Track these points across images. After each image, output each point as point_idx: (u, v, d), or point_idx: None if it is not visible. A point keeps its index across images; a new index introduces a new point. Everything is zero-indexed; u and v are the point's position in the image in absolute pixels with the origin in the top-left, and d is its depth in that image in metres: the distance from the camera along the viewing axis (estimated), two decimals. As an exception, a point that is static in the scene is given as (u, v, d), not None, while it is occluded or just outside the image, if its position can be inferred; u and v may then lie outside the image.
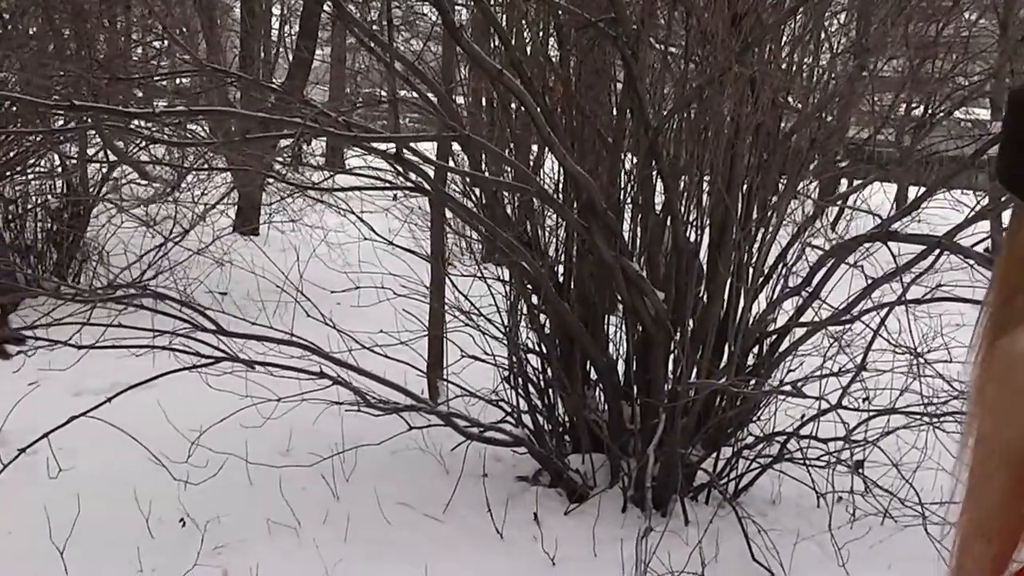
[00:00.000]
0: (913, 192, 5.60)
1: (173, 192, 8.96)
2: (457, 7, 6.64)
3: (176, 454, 4.71)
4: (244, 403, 4.84)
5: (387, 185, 5.14)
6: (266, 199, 10.41)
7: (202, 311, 4.90)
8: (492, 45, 5.45)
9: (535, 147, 5.88)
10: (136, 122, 5.45)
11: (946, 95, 6.39)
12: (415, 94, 5.32)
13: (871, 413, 5.00)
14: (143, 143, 7.94)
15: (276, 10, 13.87)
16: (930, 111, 6.61)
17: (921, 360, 4.95)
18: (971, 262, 4.56)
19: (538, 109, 4.54)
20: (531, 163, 5.67)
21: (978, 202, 4.93)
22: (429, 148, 6.59)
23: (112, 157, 8.68)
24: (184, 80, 8.94)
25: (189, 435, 4.81)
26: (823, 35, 6.01)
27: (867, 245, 5.12)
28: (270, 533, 4.69)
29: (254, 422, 4.83)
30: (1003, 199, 4.81)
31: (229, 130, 7.01)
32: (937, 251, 4.83)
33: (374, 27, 5.56)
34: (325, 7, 10.18)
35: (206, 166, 6.74)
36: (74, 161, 8.97)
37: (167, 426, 4.99)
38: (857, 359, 5.02)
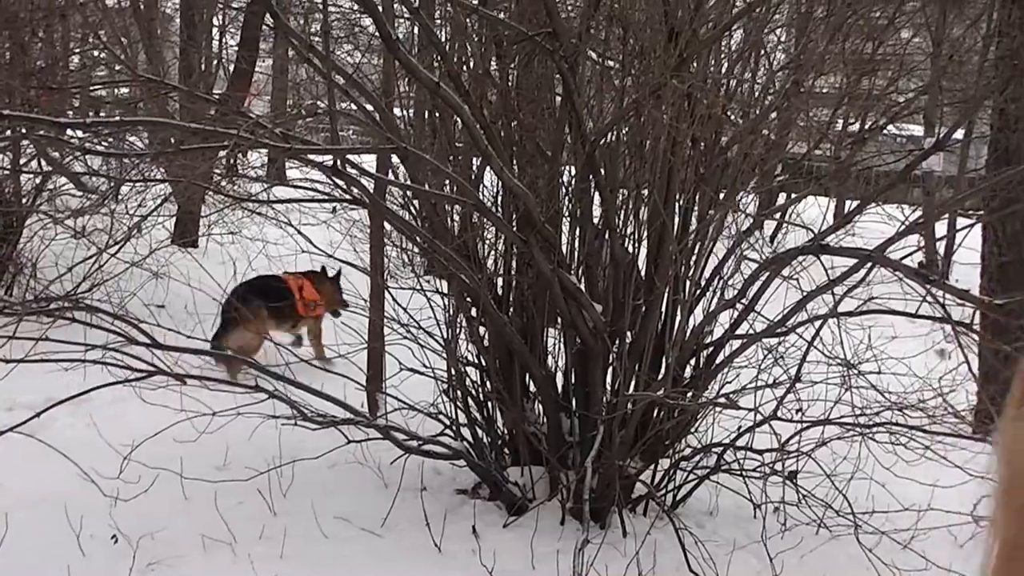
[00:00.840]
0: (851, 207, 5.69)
1: (107, 203, 8.82)
2: (400, 20, 6.65)
3: (108, 470, 4.63)
4: (179, 417, 4.78)
5: (325, 197, 5.12)
6: (205, 211, 10.29)
7: (136, 324, 4.85)
8: (434, 58, 5.46)
9: (476, 160, 5.89)
10: (71, 132, 5.38)
11: (881, 111, 6.51)
12: (355, 106, 5.32)
13: (804, 424, 5.06)
14: (78, 154, 7.82)
15: (217, 21, 13.74)
16: (866, 127, 6.73)
17: (854, 372, 5.02)
18: (900, 275, 4.63)
19: (476, 122, 4.54)
20: (471, 176, 5.68)
21: (906, 218, 5.03)
22: (370, 160, 6.59)
23: (46, 167, 8.53)
24: (124, 90, 8.84)
25: (122, 450, 4.73)
26: (762, 51, 6.11)
27: (802, 259, 5.20)
28: (205, 549, 4.63)
29: (189, 436, 4.77)
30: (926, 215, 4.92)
31: (167, 141, 6.94)
32: (869, 264, 4.91)
33: (314, 39, 5.55)
34: (267, 19, 10.13)
35: (141, 177, 6.65)
36: (7, 171, 8.81)
37: (99, 441, 4.91)
38: (792, 371, 5.09)
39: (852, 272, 4.94)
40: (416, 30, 6.59)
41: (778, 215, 6.49)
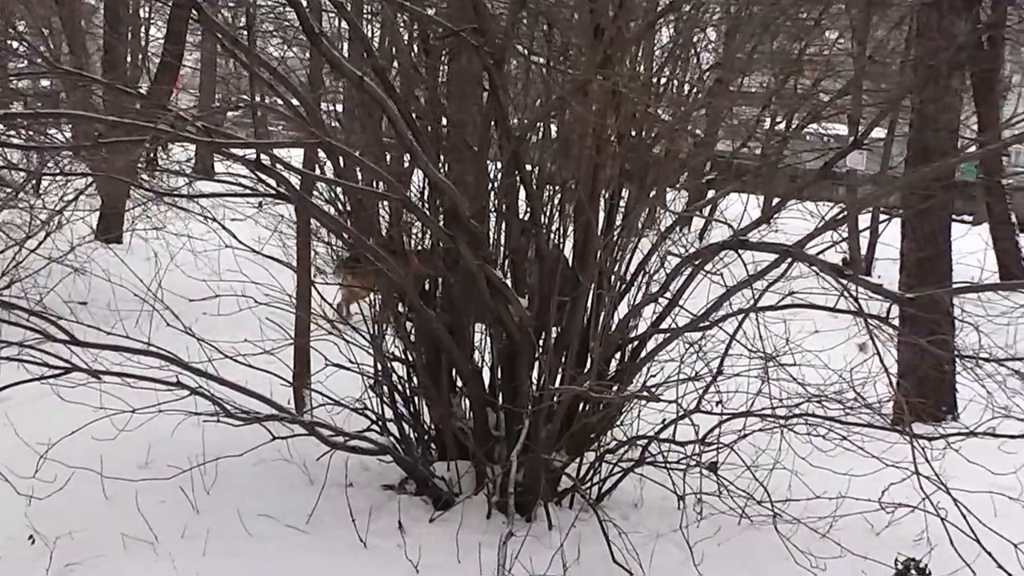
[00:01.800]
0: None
1: (26, 197, 8.62)
2: (328, 15, 6.60)
3: (25, 469, 4.54)
4: (98, 415, 4.71)
5: (248, 192, 5.07)
6: (130, 206, 10.12)
7: (54, 321, 4.76)
8: (362, 53, 5.44)
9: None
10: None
11: (807, 110, 6.62)
12: (281, 101, 5.28)
13: (725, 417, 5.14)
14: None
15: (142, 13, 13.51)
16: (792, 125, 6.85)
17: (774, 365, 5.12)
18: (816, 270, 4.73)
19: (401, 117, 4.54)
20: (402, 171, 5.66)
21: (823, 215, 5.14)
22: (297, 155, 6.54)
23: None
24: (45, 83, 8.66)
25: (39, 449, 4.64)
26: (691, 51, 6.17)
27: (726, 255, 5.27)
28: (125, 549, 4.56)
29: (108, 435, 4.70)
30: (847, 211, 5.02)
31: (89, 135, 6.82)
32: (789, 260, 4.99)
33: (240, 32, 5.49)
34: (192, 11, 9.99)
35: (61, 171, 6.52)
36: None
37: (15, 440, 4.81)
38: (714, 365, 5.16)
39: (772, 267, 5.03)
40: (343, 24, 6.57)
41: (702, 211, 6.56)
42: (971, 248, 9.13)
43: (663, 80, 6.01)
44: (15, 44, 9.04)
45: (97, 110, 6.20)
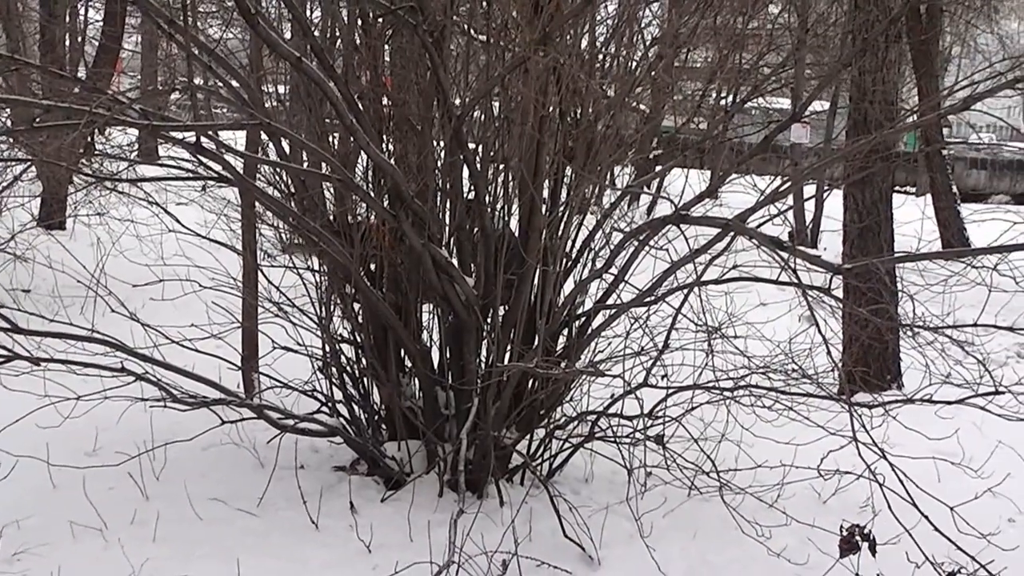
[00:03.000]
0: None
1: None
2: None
3: (-31, 459, 4.50)
4: (42, 403, 4.67)
5: (190, 175, 5.02)
6: (72, 192, 9.97)
7: (-5, 309, 4.70)
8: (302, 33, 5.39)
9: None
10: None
11: (751, 85, 6.67)
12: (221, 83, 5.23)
13: (672, 390, 5.20)
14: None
15: (80, -5, 13.28)
16: (736, 100, 6.90)
17: (719, 338, 5.18)
18: (756, 243, 4.79)
19: (340, 97, 4.52)
20: (348, 152, 5.63)
21: (763, 189, 5.19)
22: (240, 138, 6.48)
23: None
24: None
25: (-18, 439, 4.60)
26: (635, 26, 6.18)
27: (671, 230, 5.31)
28: (74, 536, 4.54)
29: (54, 422, 4.66)
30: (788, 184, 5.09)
31: (24, 119, 6.71)
32: (732, 234, 5.04)
33: (177, 13, 5.42)
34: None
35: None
36: None
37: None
38: (659, 339, 5.22)
39: (715, 242, 5.07)
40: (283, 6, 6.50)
41: (645, 187, 6.60)
42: (912, 218, 9.28)
43: (607, 56, 6.02)
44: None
45: (35, 94, 6.10)
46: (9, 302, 5.19)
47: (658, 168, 7.08)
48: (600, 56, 5.92)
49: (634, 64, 5.92)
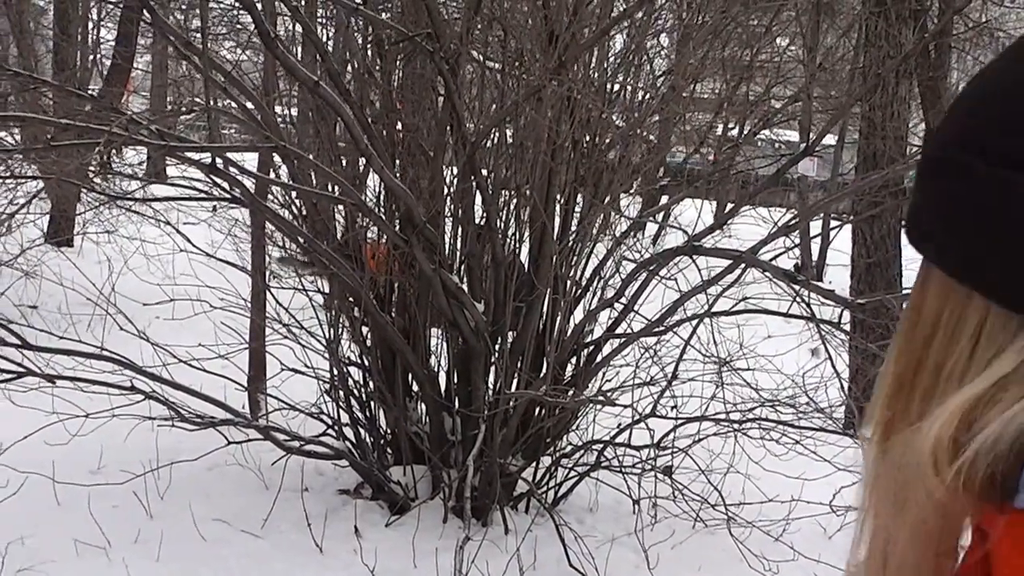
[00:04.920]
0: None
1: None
2: (281, 18, 6.57)
3: (-28, 473, 4.48)
4: (50, 420, 4.66)
5: (203, 196, 5.04)
6: (81, 209, 9.99)
7: (5, 325, 4.70)
8: (315, 57, 5.42)
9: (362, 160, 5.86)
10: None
11: (758, 117, 6.70)
12: (235, 104, 5.25)
13: (680, 421, 5.19)
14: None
15: (92, 15, 13.33)
16: (744, 132, 6.93)
17: (728, 369, 5.17)
18: (769, 276, 4.79)
19: (356, 121, 4.54)
20: (356, 176, 5.65)
21: (775, 221, 5.20)
22: (253, 159, 6.50)
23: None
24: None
25: (-11, 455, 4.58)
26: (644, 56, 6.23)
27: (680, 260, 5.32)
28: (78, 554, 4.52)
29: (61, 439, 4.65)
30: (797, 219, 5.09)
31: (38, 137, 6.73)
32: (743, 265, 5.05)
33: (193, 35, 5.46)
34: (143, 13, 9.89)
35: (11, 174, 6.42)
36: None
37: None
38: (669, 369, 5.21)
39: (726, 273, 5.08)
40: (296, 28, 6.54)
41: (656, 217, 6.62)
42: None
43: (616, 86, 6.06)
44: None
45: (47, 112, 6.12)
46: (17, 318, 5.16)
47: (666, 198, 7.11)
48: (609, 86, 5.95)
49: (643, 95, 5.96)
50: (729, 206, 5.94)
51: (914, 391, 0.68)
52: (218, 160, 4.57)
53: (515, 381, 5.18)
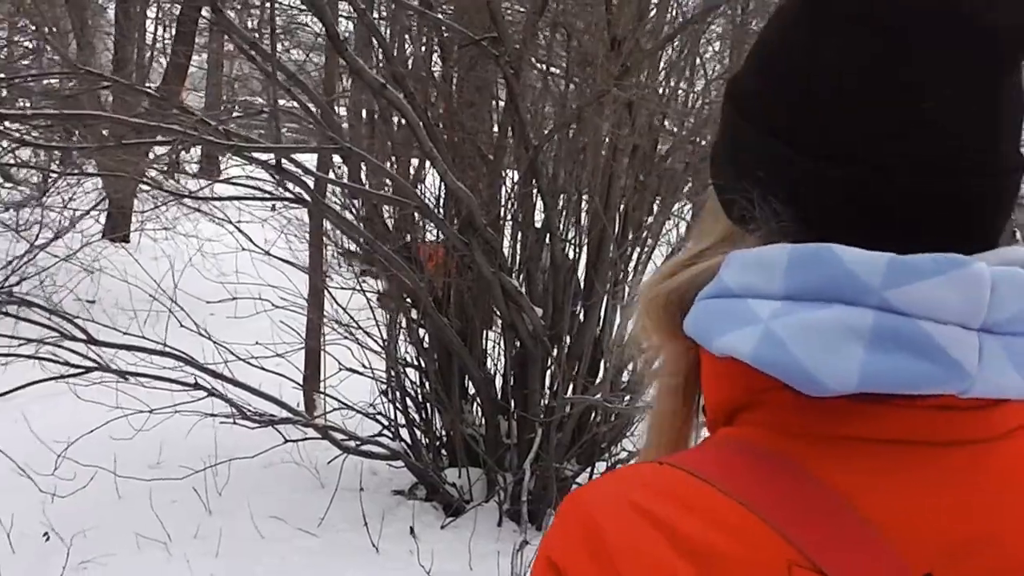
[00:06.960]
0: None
1: (41, 196, 8.62)
2: (341, 18, 6.63)
3: (42, 466, 4.56)
4: (114, 415, 4.73)
5: (267, 196, 5.08)
6: (138, 206, 10.12)
7: (71, 319, 4.78)
8: (375, 59, 5.46)
9: (415, 161, 5.89)
10: (2, 123, 5.27)
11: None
12: (295, 104, 5.30)
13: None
14: (10, 145, 7.64)
15: (152, 13, 13.50)
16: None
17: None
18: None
19: (420, 123, 4.56)
20: (411, 177, 5.68)
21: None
22: (309, 159, 6.55)
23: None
24: (53, 81, 8.66)
25: (56, 447, 4.66)
26: (698, 62, 6.20)
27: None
28: (139, 548, 4.58)
29: (124, 434, 4.72)
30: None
31: (101, 135, 6.83)
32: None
33: (256, 35, 5.51)
34: (203, 12, 10.00)
35: (76, 170, 6.52)
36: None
37: (32, 438, 4.83)
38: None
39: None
40: (352, 28, 6.58)
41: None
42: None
43: (671, 92, 6.03)
44: (27, 43, 9.05)
45: (106, 110, 6.20)
46: (77, 312, 5.25)
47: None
48: (667, 92, 5.93)
49: (697, 100, 5.93)
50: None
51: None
52: (283, 160, 4.63)
53: (571, 386, 5.18)
